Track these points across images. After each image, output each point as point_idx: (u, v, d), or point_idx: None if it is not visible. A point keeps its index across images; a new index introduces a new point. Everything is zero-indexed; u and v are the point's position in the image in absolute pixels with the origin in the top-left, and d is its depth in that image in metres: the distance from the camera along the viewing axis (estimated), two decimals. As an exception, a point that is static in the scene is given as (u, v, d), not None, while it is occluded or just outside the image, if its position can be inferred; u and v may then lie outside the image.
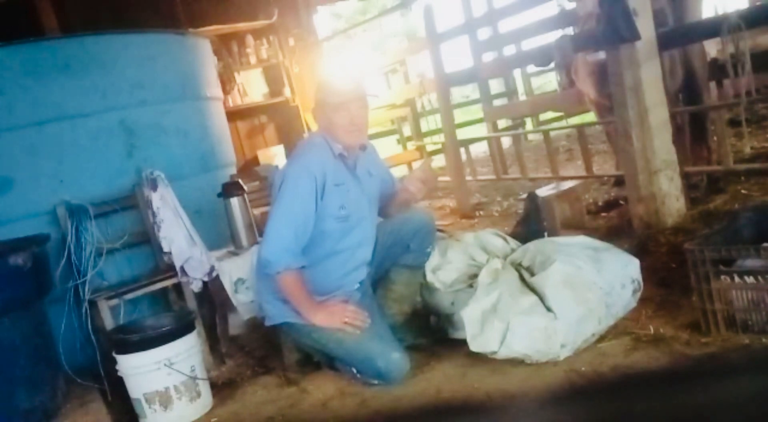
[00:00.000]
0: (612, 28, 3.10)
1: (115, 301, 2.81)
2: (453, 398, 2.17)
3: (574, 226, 3.51)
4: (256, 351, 3.00)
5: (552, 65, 3.87)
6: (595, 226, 3.68)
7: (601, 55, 3.59)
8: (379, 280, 2.73)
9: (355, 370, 2.44)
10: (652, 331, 2.29)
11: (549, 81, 11.51)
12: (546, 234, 3.15)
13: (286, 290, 2.44)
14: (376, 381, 2.38)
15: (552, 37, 3.88)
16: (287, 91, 6.35)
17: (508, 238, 2.81)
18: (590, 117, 6.11)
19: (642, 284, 2.48)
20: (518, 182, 5.49)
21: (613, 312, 2.36)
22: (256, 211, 3.26)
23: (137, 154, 3.22)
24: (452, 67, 5.12)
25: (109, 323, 2.74)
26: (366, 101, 2.57)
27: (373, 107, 6.10)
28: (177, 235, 2.86)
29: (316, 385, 2.53)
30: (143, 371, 2.42)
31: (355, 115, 2.48)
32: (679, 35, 3.47)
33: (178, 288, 2.95)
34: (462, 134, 5.77)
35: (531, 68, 8.48)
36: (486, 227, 3.91)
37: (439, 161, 7.53)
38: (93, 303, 2.79)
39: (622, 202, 3.97)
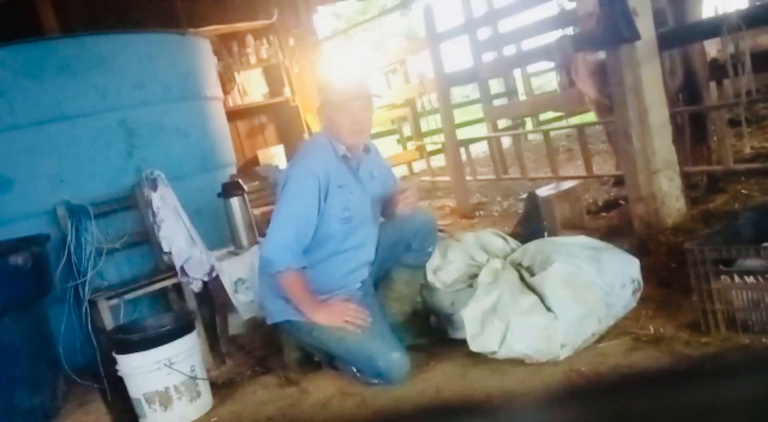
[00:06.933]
0: (612, 28, 3.10)
1: (115, 301, 2.81)
2: (453, 398, 2.17)
3: (574, 226, 3.51)
4: (256, 351, 3.00)
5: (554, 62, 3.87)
6: (595, 226, 3.67)
7: (601, 55, 3.59)
8: (380, 280, 2.73)
9: (355, 370, 2.44)
10: (652, 331, 2.29)
11: (549, 81, 11.51)
12: (546, 234, 3.15)
13: (287, 289, 2.45)
14: (376, 381, 2.38)
15: (552, 37, 3.89)
16: (287, 91, 6.35)
17: (508, 238, 2.81)
18: (590, 117, 6.11)
19: (642, 284, 2.48)
20: (518, 182, 5.49)
21: (613, 312, 2.36)
22: (256, 211, 3.27)
23: (137, 154, 3.22)
24: (452, 67, 5.13)
25: (109, 323, 2.74)
26: (370, 101, 2.54)
27: (377, 107, 6.10)
28: (177, 235, 2.86)
29: (316, 385, 2.53)
30: (143, 371, 2.42)
31: (357, 114, 2.46)
32: (679, 35, 3.47)
33: (178, 288, 2.95)
34: (462, 134, 5.77)
35: (531, 68, 8.50)
36: (486, 227, 3.91)
37: (439, 161, 7.54)
38: (93, 303, 2.79)
39: (622, 202, 3.96)
